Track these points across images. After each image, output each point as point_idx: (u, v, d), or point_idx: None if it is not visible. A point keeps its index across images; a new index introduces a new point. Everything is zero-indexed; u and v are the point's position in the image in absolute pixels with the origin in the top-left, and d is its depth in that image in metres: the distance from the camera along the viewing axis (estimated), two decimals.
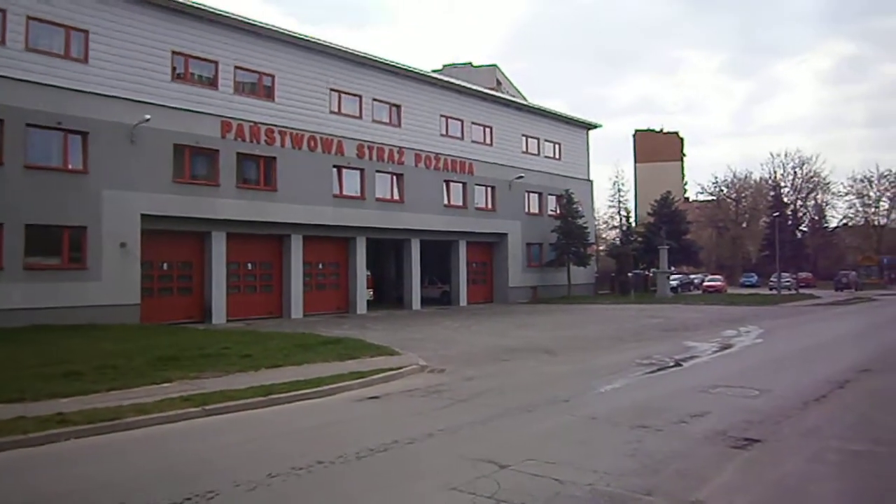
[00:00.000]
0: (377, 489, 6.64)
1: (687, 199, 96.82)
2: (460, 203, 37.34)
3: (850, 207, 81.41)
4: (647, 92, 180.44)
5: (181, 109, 25.46)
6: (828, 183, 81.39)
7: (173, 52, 25.60)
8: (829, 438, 8.43)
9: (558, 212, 43.18)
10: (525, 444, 8.10)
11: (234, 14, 27.25)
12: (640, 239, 56.10)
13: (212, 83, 26.92)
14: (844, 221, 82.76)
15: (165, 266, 26.03)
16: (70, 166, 22.96)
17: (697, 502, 6.12)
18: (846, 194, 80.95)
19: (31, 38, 22.08)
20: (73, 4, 22.98)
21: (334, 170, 30.98)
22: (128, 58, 24.16)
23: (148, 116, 23.69)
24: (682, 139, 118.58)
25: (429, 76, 37.18)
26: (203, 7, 26.29)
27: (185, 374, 12.64)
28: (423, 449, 8.10)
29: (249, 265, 28.88)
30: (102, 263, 23.09)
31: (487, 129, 39.48)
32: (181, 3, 25.53)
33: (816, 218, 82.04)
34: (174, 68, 25.76)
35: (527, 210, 42.06)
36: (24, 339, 17.46)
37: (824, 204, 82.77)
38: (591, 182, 48.69)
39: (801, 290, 54.31)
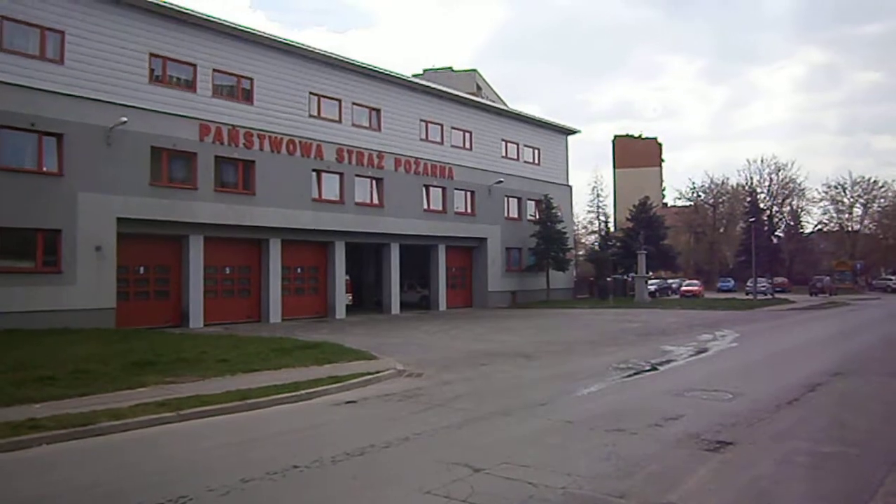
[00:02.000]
0: (352, 493, 6.65)
1: (665, 204, 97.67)
2: (440, 207, 37.38)
3: (825, 213, 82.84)
4: (626, 97, 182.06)
5: (159, 112, 25.25)
6: (803, 189, 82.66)
7: (151, 55, 25.39)
8: (801, 441, 8.55)
9: (538, 217, 43.34)
10: (500, 448, 8.14)
11: (212, 16, 27.10)
12: (618, 244, 56.46)
13: (190, 86, 26.74)
14: (819, 227, 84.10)
15: (142, 270, 25.76)
16: (45, 168, 22.67)
17: None
18: (821, 200, 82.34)
19: (5, 39, 21.79)
20: (48, 5, 22.72)
21: (313, 174, 30.89)
22: (104, 59, 23.93)
23: (125, 118, 23.47)
24: (660, 145, 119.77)
25: (408, 80, 37.21)
26: (181, 9, 26.10)
27: (161, 379, 12.55)
28: (398, 453, 8.11)
29: (227, 269, 28.67)
30: (77, 267, 22.81)
31: (467, 134, 39.57)
32: (159, 4, 25.36)
33: (792, 223, 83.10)
34: (152, 70, 25.55)
35: (506, 215, 42.19)
36: None
37: (799, 210, 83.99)
38: (571, 187, 48.98)
39: (777, 295, 54.96)
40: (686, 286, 58.23)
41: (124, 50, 24.51)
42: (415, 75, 44.62)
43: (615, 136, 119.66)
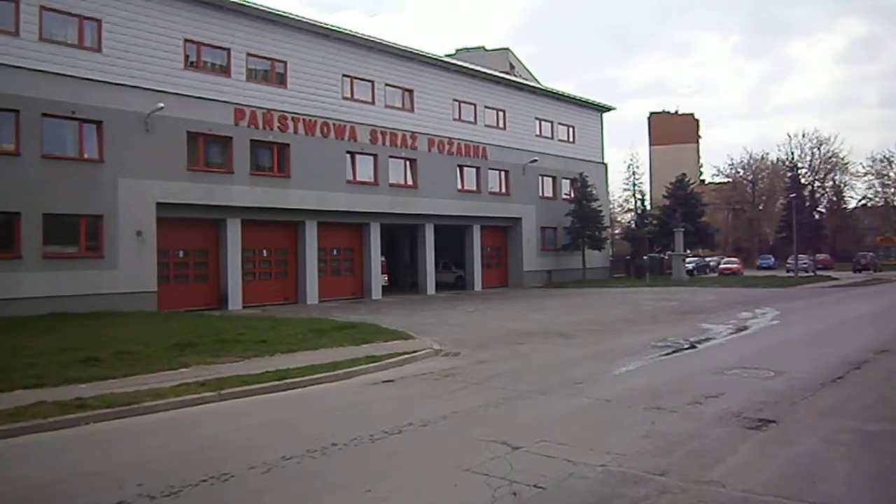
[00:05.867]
0: (392, 471, 6.69)
1: (703, 181, 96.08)
2: (474, 187, 37.24)
3: (870, 188, 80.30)
4: (660, 74, 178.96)
5: (194, 97, 25.50)
6: (846, 163, 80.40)
7: (185, 40, 25.61)
8: (845, 419, 8.38)
9: (573, 195, 42.93)
10: (538, 426, 8.12)
11: (245, 1, 27.17)
12: (655, 222, 55.78)
13: (224, 70, 26.94)
14: (863, 202, 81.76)
15: (181, 253, 26.18)
16: (86, 155, 23.08)
17: (711, 482, 6.11)
18: (865, 174, 79.81)
19: (44, 29, 22.15)
20: None
21: (347, 156, 30.97)
22: (140, 46, 24.21)
23: (161, 104, 23.77)
24: (697, 121, 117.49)
25: (441, 60, 36.97)
26: None
27: (202, 360, 12.76)
28: (436, 431, 8.14)
29: (264, 252, 29.01)
30: (119, 251, 23.27)
31: (500, 113, 39.26)
32: None
33: (835, 199, 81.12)
34: (187, 56, 25.79)
35: (541, 194, 41.86)
36: (43, 327, 17.66)
37: (843, 185, 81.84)
38: (606, 165, 48.39)
39: (819, 272, 53.72)
40: (725, 264, 57.26)
41: (160, 36, 24.76)
42: (447, 55, 44.24)
43: (651, 113, 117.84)
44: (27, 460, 7.31)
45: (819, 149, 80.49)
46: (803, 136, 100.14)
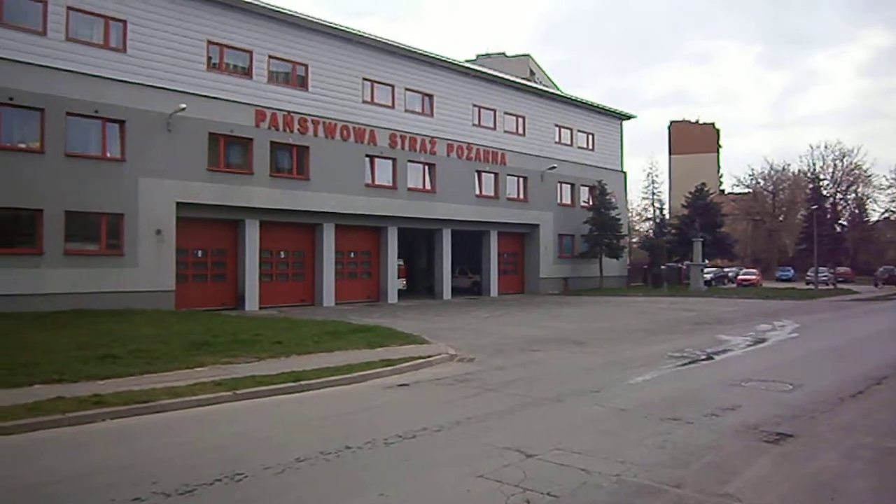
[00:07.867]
0: (405, 475, 6.68)
1: (722, 191, 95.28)
2: (492, 193, 37.22)
3: (893, 201, 79.20)
4: (681, 83, 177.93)
5: (216, 98, 25.73)
6: (869, 176, 79.44)
7: (209, 42, 25.86)
8: (865, 434, 8.26)
9: (591, 203, 42.81)
10: (553, 434, 8.07)
11: (268, 3, 27.36)
12: (673, 231, 55.46)
13: (246, 72, 27.14)
14: (886, 215, 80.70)
15: (200, 253, 26.39)
16: (108, 154, 23.35)
17: (727, 496, 6.05)
18: (889, 187, 78.78)
19: (70, 29, 22.46)
20: None
21: (366, 159, 31.07)
22: (164, 47, 24.47)
23: (183, 105, 24.00)
24: (718, 130, 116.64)
25: (461, 65, 37.02)
26: None
27: (218, 360, 12.85)
28: (450, 436, 8.11)
29: (282, 253, 29.17)
30: (139, 250, 23.49)
31: (520, 119, 39.25)
32: None
33: (857, 211, 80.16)
34: (209, 58, 26.02)
35: (559, 201, 41.76)
36: (63, 323, 17.86)
37: (865, 197, 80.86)
38: (625, 173, 48.19)
39: (839, 285, 53.09)
40: (743, 275, 56.74)
41: (183, 38, 25.02)
42: (468, 61, 44.30)
43: (671, 122, 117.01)
44: (44, 455, 7.37)
45: (841, 160, 79.72)
46: (825, 147, 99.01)
